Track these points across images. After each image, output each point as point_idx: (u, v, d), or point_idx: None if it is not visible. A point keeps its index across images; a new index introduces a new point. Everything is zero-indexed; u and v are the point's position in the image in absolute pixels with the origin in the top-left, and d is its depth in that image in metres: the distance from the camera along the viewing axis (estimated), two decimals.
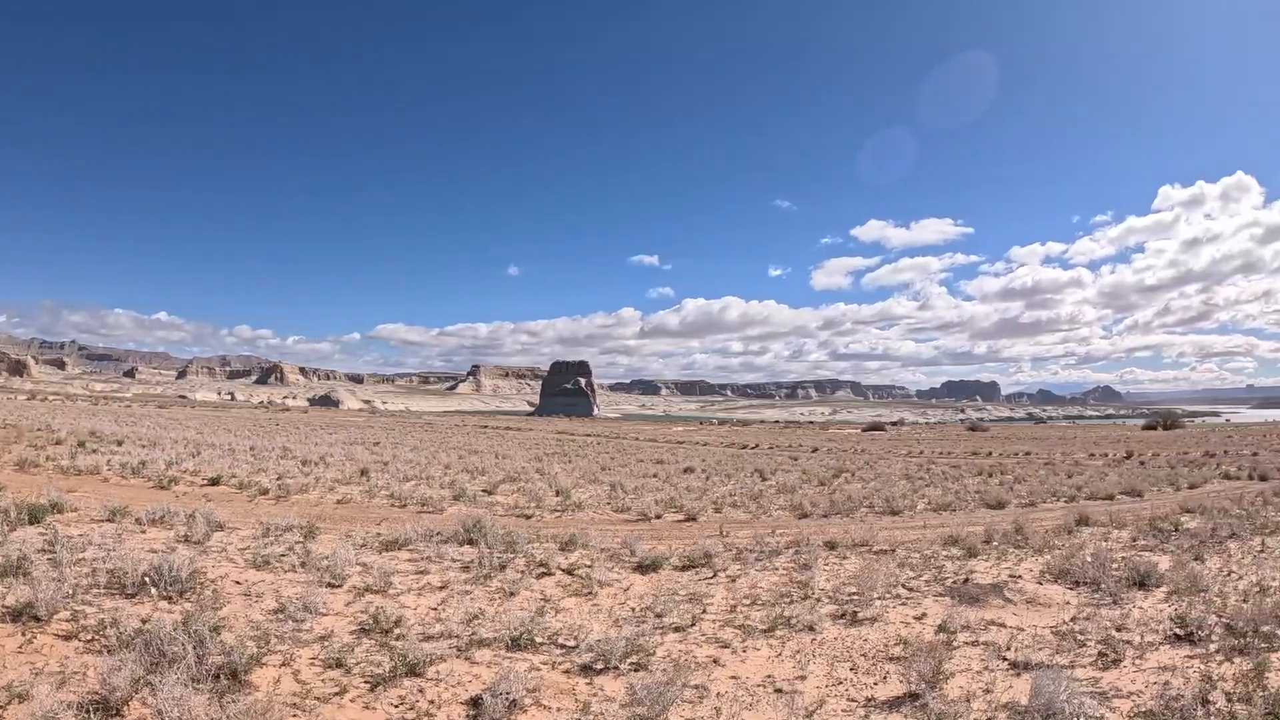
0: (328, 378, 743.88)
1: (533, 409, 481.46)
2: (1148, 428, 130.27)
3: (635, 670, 8.35)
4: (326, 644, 8.73)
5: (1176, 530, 17.37)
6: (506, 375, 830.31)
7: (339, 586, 11.24)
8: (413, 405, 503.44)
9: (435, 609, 10.52)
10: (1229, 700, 7.05)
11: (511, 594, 11.40)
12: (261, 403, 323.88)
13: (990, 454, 63.41)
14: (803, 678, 8.34)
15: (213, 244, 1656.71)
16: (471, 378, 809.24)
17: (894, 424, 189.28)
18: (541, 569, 12.99)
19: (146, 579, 10.11)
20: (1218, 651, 8.70)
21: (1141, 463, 50.68)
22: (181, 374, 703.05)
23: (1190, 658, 8.60)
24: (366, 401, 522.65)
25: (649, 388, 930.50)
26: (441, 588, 11.64)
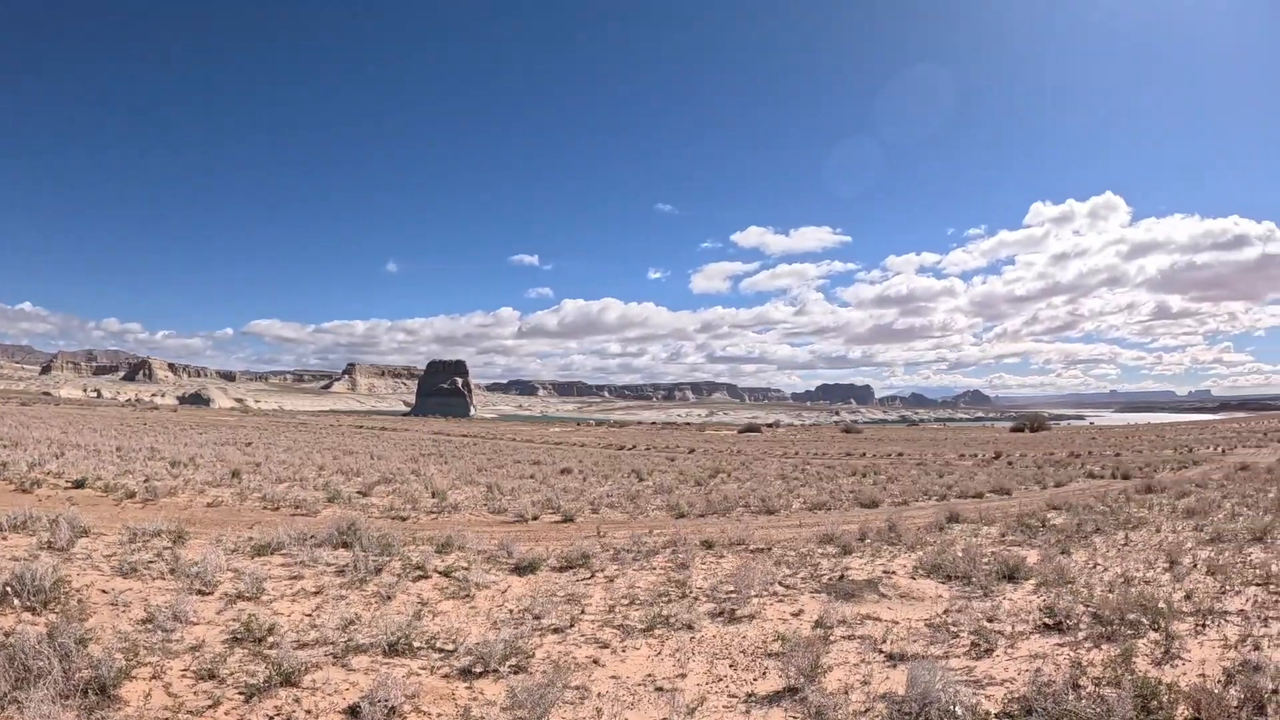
0: (198, 375, 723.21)
1: (409, 409, 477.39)
2: (1015, 430, 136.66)
3: (515, 673, 8.27)
4: (198, 654, 8.38)
5: (1044, 526, 18.20)
6: (383, 374, 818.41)
7: (210, 594, 10.79)
8: (287, 404, 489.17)
9: (310, 615, 10.22)
10: (1098, 684, 7.42)
11: (388, 598, 11.15)
12: (129, 401, 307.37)
13: (864, 455, 65.31)
14: (683, 676, 8.40)
15: (81, 232, 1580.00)
16: (347, 376, 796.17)
17: (770, 426, 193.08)
18: (418, 572, 12.74)
19: (8, 589, 9.50)
20: (1086, 639, 9.19)
21: (1010, 463, 53.00)
22: (45, 369, 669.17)
23: (1060, 646, 9.04)
24: (239, 400, 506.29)
25: (526, 388, 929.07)
26: (316, 593, 11.31)
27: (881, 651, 9.07)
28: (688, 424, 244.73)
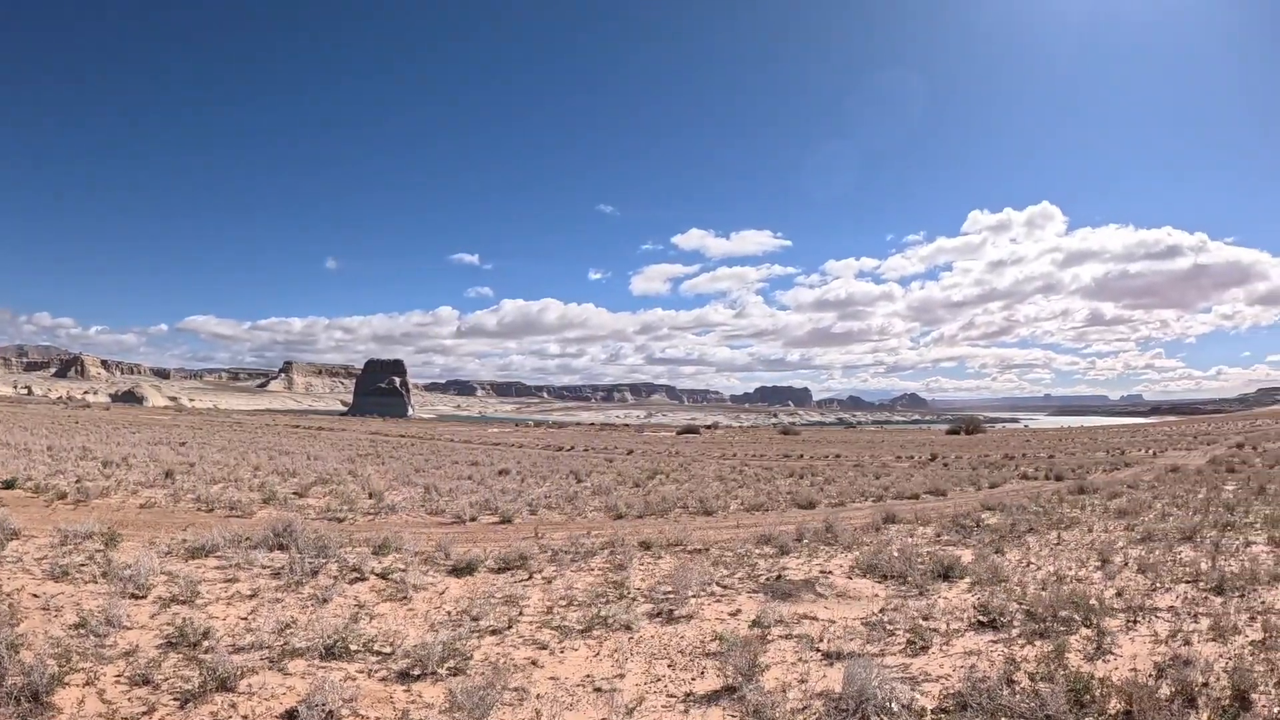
0: (132, 372, 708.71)
1: (346, 408, 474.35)
2: (951, 432, 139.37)
3: (453, 675, 8.22)
4: (132, 660, 8.19)
5: (978, 526, 18.54)
6: (320, 373, 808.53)
7: (143, 597, 10.55)
8: (222, 403, 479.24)
9: (245, 619, 10.03)
10: (1032, 680, 7.62)
11: (324, 601, 10.98)
12: (60, 398, 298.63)
13: (801, 456, 65.80)
14: (621, 676, 8.42)
15: (12, 224, 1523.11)
16: (284, 375, 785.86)
17: (708, 427, 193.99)
18: (355, 574, 12.59)
19: None
20: (1020, 636, 9.42)
21: (945, 465, 53.87)
22: None
23: (994, 642, 9.26)
24: (173, 399, 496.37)
25: (465, 388, 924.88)
26: (251, 596, 11.11)
27: (819, 650, 9.18)
28: (626, 425, 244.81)
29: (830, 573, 13.47)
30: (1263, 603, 10.53)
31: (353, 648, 8.94)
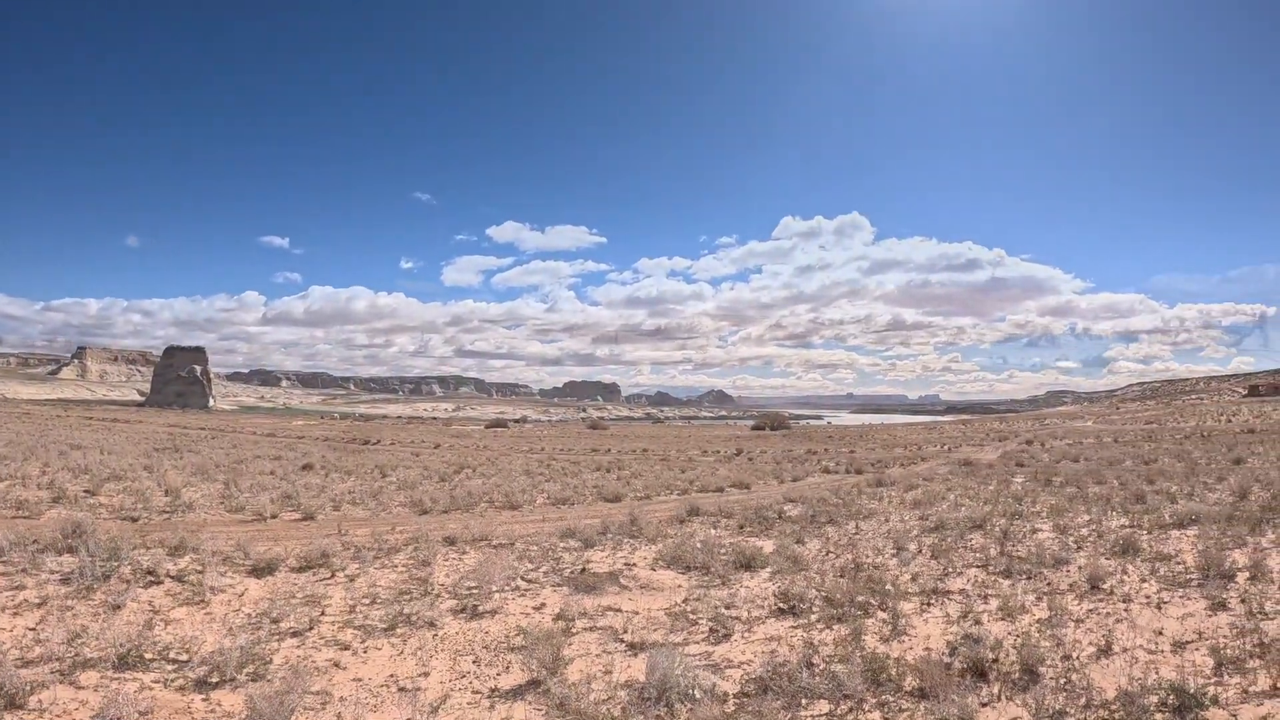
0: None
1: (143, 399, 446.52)
2: (757, 428, 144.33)
3: (253, 681, 7.94)
4: None
5: (780, 518, 19.30)
6: (116, 360, 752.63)
7: None
8: (9, 392, 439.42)
9: (34, 629, 9.30)
10: (830, 662, 8.03)
11: (117, 607, 10.32)
12: None
13: (609, 451, 66.68)
14: (426, 674, 8.35)
15: None
16: (77, 361, 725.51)
17: (517, 421, 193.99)
18: (149, 577, 11.86)
19: None
20: (819, 621, 9.94)
21: (750, 459, 55.64)
22: None
23: (794, 628, 9.71)
24: None
25: (269, 379, 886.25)
26: (40, 604, 10.30)
27: (623, 641, 9.38)
28: (434, 418, 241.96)
29: (634, 565, 13.73)
30: (1048, 584, 11.48)
31: (148, 656, 8.50)
